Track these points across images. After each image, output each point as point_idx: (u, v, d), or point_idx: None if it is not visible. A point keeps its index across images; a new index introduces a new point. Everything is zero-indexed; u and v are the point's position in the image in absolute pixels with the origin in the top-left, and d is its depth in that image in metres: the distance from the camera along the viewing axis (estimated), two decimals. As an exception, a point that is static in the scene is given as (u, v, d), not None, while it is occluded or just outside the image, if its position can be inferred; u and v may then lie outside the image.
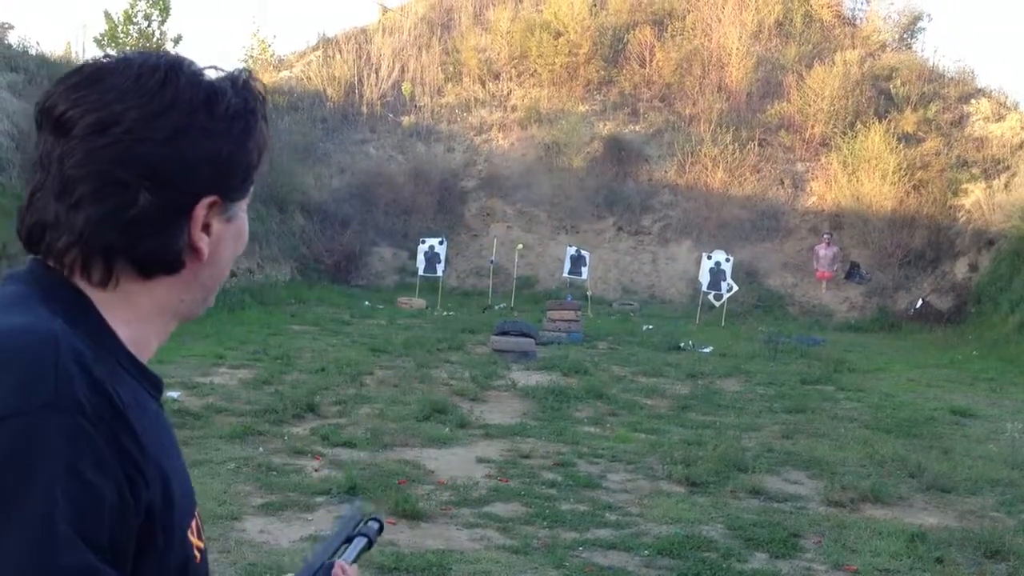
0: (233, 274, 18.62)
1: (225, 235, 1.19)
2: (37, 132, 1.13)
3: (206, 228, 1.15)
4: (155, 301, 1.16)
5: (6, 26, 21.22)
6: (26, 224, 1.12)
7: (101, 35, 27.36)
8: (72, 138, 1.08)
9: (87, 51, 25.32)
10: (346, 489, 6.61)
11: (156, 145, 1.08)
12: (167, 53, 1.16)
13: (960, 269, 21.49)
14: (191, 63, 1.16)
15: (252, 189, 1.23)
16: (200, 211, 1.13)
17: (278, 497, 6.60)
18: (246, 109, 1.17)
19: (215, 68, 1.20)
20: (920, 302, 21.12)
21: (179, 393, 9.40)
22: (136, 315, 1.14)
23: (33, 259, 1.14)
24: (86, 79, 1.11)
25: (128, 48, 26.77)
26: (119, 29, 27.39)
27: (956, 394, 12.67)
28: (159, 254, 1.12)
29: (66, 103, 1.09)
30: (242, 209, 1.21)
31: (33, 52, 18.82)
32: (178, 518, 1.11)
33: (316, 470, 7.33)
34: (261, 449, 7.81)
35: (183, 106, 1.11)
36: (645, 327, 18.32)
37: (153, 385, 1.17)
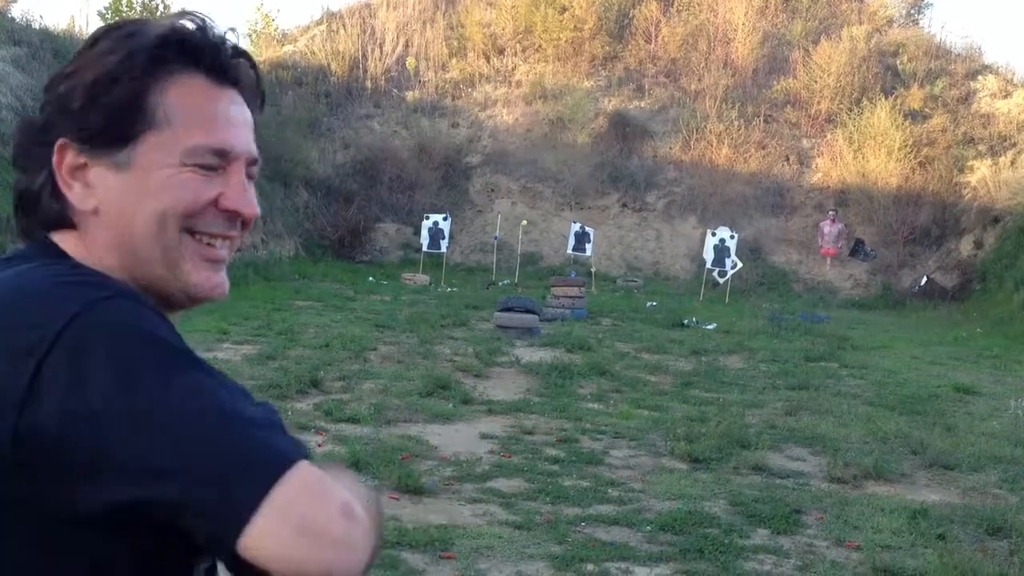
0: (237, 249, 18.59)
1: (119, 185, 1.09)
2: None
3: (77, 175, 1.10)
4: (96, 261, 1.11)
5: None
6: None
7: (105, 8, 27.27)
8: None
9: (91, 24, 25.25)
10: (349, 464, 6.62)
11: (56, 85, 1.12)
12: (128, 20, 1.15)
13: (965, 246, 21.46)
14: (147, 21, 1.13)
15: (182, 138, 1.10)
16: (56, 156, 1.10)
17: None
18: (131, 51, 1.10)
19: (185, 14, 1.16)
20: (925, 279, 21.11)
21: (183, 368, 9.41)
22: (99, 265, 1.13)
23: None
24: None
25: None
26: (123, 2, 27.29)
27: (960, 371, 12.66)
28: (26, 198, 1.14)
29: None
30: (150, 158, 1.09)
31: (36, 26, 18.81)
32: None
33: (320, 445, 7.35)
34: (265, 424, 7.82)
35: (90, 55, 1.11)
36: (649, 304, 18.32)
37: None
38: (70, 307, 0.97)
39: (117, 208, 1.09)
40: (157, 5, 27.68)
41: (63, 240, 1.12)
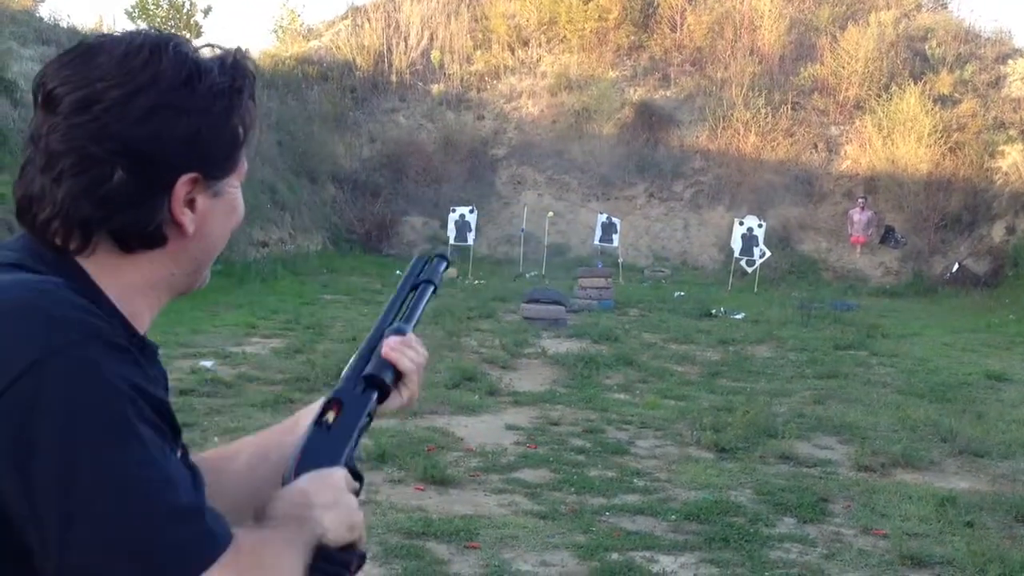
0: (265, 244, 18.79)
1: (213, 211, 1.20)
2: (33, 108, 1.16)
3: (190, 204, 1.16)
4: (142, 274, 1.17)
5: None
6: (16, 197, 1.16)
7: (132, 7, 27.48)
8: (58, 114, 1.11)
9: (118, 23, 25.45)
10: (376, 456, 6.66)
11: (132, 123, 1.11)
12: (157, 32, 1.19)
13: (997, 232, 21.20)
14: (180, 42, 1.18)
15: (244, 165, 1.24)
16: (180, 188, 1.14)
17: (308, 464, 6.65)
18: (231, 88, 1.18)
19: (211, 46, 1.22)
20: (956, 266, 20.89)
21: (212, 362, 9.51)
22: (124, 288, 1.16)
23: (22, 233, 1.18)
24: (78, 57, 1.14)
25: (159, 19, 26.91)
26: (149, 1, 27.48)
27: (991, 358, 12.53)
28: (135, 228, 1.13)
29: (56, 80, 1.13)
30: (231, 185, 1.22)
31: (64, 25, 18.98)
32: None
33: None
34: (292, 417, 7.87)
35: (162, 85, 1.12)
36: (676, 294, 18.26)
37: (142, 351, 1.16)
38: (32, 350, 1.00)
39: (208, 230, 1.20)
40: (183, 3, 27.86)
41: (114, 255, 1.15)
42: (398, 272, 20.08)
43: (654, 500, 6.27)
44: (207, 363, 9.43)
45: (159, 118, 1.12)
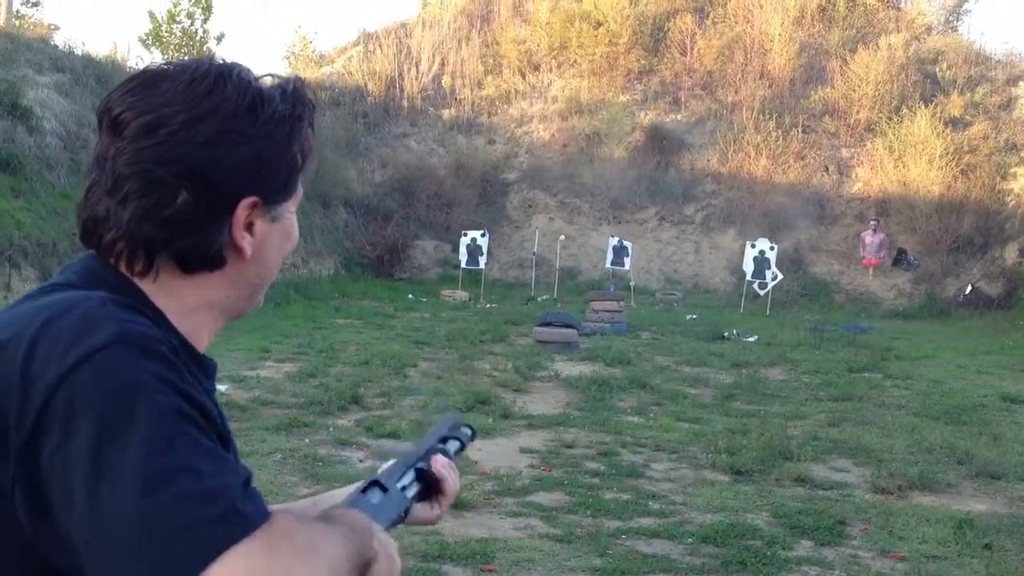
0: (279, 269, 18.80)
1: (270, 235, 1.23)
2: (98, 132, 1.20)
3: (249, 228, 1.19)
4: (201, 296, 1.20)
5: (52, 27, 21.56)
6: (82, 218, 1.19)
7: (146, 35, 27.74)
8: (124, 138, 1.14)
9: (132, 51, 25.66)
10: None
11: (197, 147, 1.14)
12: (221, 61, 1.22)
13: (1010, 254, 21.15)
14: (243, 70, 1.21)
15: (300, 191, 1.27)
16: (241, 211, 1.17)
17: (323, 487, 6.65)
18: (291, 115, 1.22)
19: (271, 75, 1.25)
20: (969, 288, 20.82)
21: (227, 386, 9.52)
22: (182, 308, 1.18)
23: (86, 253, 1.20)
24: (143, 83, 1.17)
25: (172, 47, 27.13)
26: (163, 28, 27.75)
27: (1006, 380, 12.47)
28: (197, 250, 1.16)
29: (122, 105, 1.16)
30: (289, 210, 1.26)
31: (79, 52, 19.14)
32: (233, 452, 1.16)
33: (361, 461, 7.39)
34: (307, 441, 7.88)
35: (227, 111, 1.16)
36: (689, 317, 18.24)
37: (202, 368, 1.20)
38: (63, 364, 1.01)
39: (265, 254, 1.24)
40: (196, 30, 28.10)
41: (174, 276, 1.18)
42: (410, 296, 20.15)
43: (670, 523, 6.24)
44: (221, 387, 9.44)
45: (223, 143, 1.15)
